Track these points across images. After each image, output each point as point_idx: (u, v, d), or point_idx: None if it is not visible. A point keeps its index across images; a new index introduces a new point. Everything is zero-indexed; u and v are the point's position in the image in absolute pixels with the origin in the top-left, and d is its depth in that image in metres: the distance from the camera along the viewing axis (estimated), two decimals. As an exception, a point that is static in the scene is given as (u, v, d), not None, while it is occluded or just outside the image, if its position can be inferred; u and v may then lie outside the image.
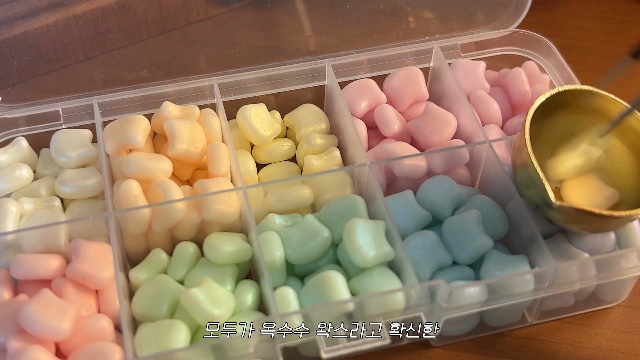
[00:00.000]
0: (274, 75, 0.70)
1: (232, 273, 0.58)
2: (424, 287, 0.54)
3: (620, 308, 0.63)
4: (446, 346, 0.60)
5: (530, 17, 0.74)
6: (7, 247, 0.58)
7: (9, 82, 0.68)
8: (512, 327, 0.61)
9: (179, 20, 0.71)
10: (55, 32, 0.67)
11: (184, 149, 0.63)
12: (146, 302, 0.56)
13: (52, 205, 0.62)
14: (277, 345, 0.53)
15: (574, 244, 0.60)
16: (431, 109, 0.68)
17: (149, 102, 0.68)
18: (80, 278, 0.55)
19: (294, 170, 0.68)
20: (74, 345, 0.53)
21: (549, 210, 0.56)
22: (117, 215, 0.58)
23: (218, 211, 0.59)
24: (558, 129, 0.62)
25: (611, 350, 0.60)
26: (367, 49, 0.73)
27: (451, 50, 0.74)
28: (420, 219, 0.61)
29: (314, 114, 0.70)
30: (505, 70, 0.74)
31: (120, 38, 0.70)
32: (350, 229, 0.57)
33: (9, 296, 0.56)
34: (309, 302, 0.55)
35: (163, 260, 0.59)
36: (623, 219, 0.55)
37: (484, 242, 0.58)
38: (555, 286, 0.56)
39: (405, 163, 0.63)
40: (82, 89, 0.69)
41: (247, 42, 0.72)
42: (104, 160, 0.63)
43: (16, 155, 0.66)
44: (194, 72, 0.70)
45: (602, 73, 0.63)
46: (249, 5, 0.73)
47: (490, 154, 0.63)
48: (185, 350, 0.52)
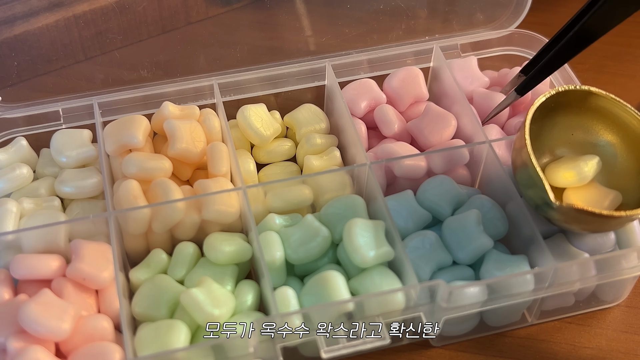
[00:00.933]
0: (274, 75, 0.70)
1: (232, 273, 0.58)
2: (424, 287, 0.54)
3: (620, 308, 0.63)
4: (446, 346, 0.60)
5: (530, 17, 0.74)
6: (7, 247, 0.58)
7: (9, 82, 0.68)
8: (512, 327, 0.61)
9: (179, 20, 0.71)
10: (55, 32, 0.67)
11: (184, 148, 0.63)
12: (146, 302, 0.56)
13: (52, 205, 0.62)
14: (277, 345, 0.53)
15: (574, 244, 0.60)
16: (431, 109, 0.68)
17: (149, 102, 0.68)
18: (80, 278, 0.55)
19: (294, 170, 0.68)
20: (74, 345, 0.53)
21: (549, 210, 0.56)
22: (117, 215, 0.58)
23: (218, 211, 0.59)
24: (558, 129, 0.62)
25: (611, 350, 0.60)
26: (367, 49, 0.73)
27: (451, 50, 0.74)
28: (420, 219, 0.60)
29: (314, 114, 0.70)
30: (505, 70, 0.74)
31: (120, 38, 0.70)
32: (350, 228, 0.57)
33: (9, 296, 0.56)
34: (309, 302, 0.55)
35: (163, 260, 0.59)
36: (623, 219, 0.55)
37: (484, 242, 0.58)
38: (555, 286, 0.56)
39: (405, 163, 0.63)
40: (82, 89, 0.69)
41: (247, 42, 0.72)
42: (104, 160, 0.63)
43: (16, 155, 0.66)
44: (194, 72, 0.70)
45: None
46: (249, 5, 0.73)
47: (490, 154, 0.63)
48: (185, 350, 0.52)
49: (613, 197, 0.60)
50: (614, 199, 0.60)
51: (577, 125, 0.62)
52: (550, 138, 0.62)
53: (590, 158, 0.61)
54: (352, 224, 0.57)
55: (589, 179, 0.60)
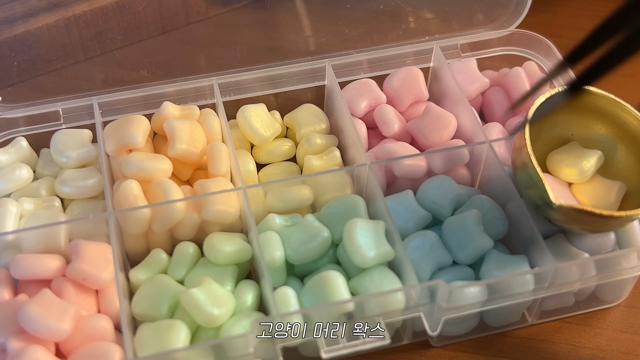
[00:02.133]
0: (274, 75, 0.70)
1: (232, 273, 0.58)
2: (424, 287, 0.54)
3: (620, 308, 0.63)
4: (446, 346, 0.60)
5: (530, 17, 0.74)
6: (7, 247, 0.58)
7: (9, 82, 0.68)
8: (512, 327, 0.61)
9: (179, 20, 0.71)
10: (55, 32, 0.67)
11: (184, 149, 0.63)
12: (146, 302, 0.56)
13: (52, 205, 0.62)
14: (277, 345, 0.53)
15: (574, 244, 0.60)
16: (431, 109, 0.68)
17: (149, 102, 0.68)
18: (80, 278, 0.55)
19: (294, 170, 0.68)
20: (74, 345, 0.53)
21: (549, 210, 0.56)
22: (117, 215, 0.58)
23: (218, 211, 0.59)
24: (558, 129, 0.62)
25: (611, 350, 0.60)
26: (367, 49, 0.73)
27: (451, 50, 0.74)
28: (420, 219, 0.61)
29: (314, 114, 0.70)
30: (505, 70, 0.74)
31: (120, 38, 0.70)
32: (350, 229, 0.57)
33: (9, 296, 0.56)
34: (309, 302, 0.55)
35: (163, 260, 0.59)
36: (623, 219, 0.55)
37: (484, 242, 0.58)
38: (555, 286, 0.56)
39: (405, 163, 0.63)
40: (82, 89, 0.69)
41: (247, 42, 0.72)
42: (104, 160, 0.63)
43: (16, 155, 0.66)
44: (194, 72, 0.70)
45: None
46: (249, 5, 0.73)
47: (490, 154, 0.63)
48: (185, 350, 0.52)
49: (618, 188, 0.60)
50: (619, 190, 0.60)
51: (577, 125, 0.62)
52: (550, 138, 0.62)
53: (591, 155, 0.61)
54: (352, 224, 0.57)
55: (591, 175, 0.60)
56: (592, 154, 0.61)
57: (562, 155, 0.62)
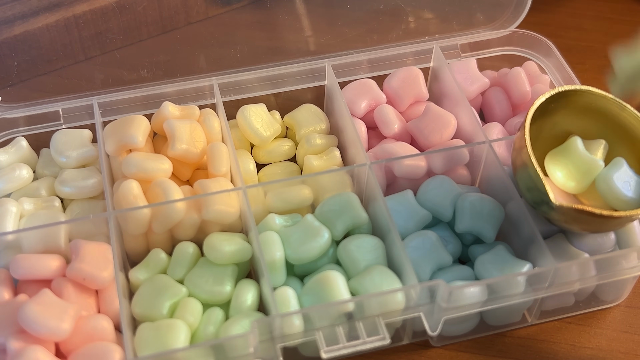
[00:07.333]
0: (274, 75, 0.70)
1: (232, 273, 0.58)
2: (424, 287, 0.54)
3: (620, 308, 0.63)
4: (446, 346, 0.60)
5: (530, 17, 0.74)
6: (7, 247, 0.58)
7: (9, 82, 0.68)
8: (512, 327, 0.61)
9: (179, 20, 0.72)
10: (55, 32, 0.67)
11: (184, 149, 0.63)
12: (146, 302, 0.56)
13: (52, 205, 0.62)
14: (277, 345, 0.53)
15: (574, 244, 0.60)
16: (431, 109, 0.68)
17: (149, 102, 0.68)
18: (80, 278, 0.55)
19: (294, 170, 0.68)
20: (74, 345, 0.53)
21: (549, 210, 0.56)
22: (117, 215, 0.58)
23: (218, 211, 0.59)
24: (558, 129, 0.62)
25: (611, 350, 0.60)
26: (367, 49, 0.73)
27: (451, 50, 0.74)
28: (420, 219, 0.61)
29: (314, 114, 0.70)
30: (505, 70, 0.74)
31: (120, 38, 0.70)
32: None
33: (9, 296, 0.56)
34: (308, 302, 0.55)
35: (163, 260, 0.59)
36: (623, 219, 0.55)
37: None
38: (555, 286, 0.56)
39: (405, 163, 0.63)
40: (82, 89, 0.69)
41: (247, 42, 0.72)
42: (104, 160, 0.63)
43: (16, 155, 0.66)
44: (194, 72, 0.70)
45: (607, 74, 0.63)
46: (249, 5, 0.73)
47: (490, 154, 0.63)
48: (185, 350, 0.52)
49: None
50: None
51: (577, 125, 0.62)
52: (550, 138, 0.62)
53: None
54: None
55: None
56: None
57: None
